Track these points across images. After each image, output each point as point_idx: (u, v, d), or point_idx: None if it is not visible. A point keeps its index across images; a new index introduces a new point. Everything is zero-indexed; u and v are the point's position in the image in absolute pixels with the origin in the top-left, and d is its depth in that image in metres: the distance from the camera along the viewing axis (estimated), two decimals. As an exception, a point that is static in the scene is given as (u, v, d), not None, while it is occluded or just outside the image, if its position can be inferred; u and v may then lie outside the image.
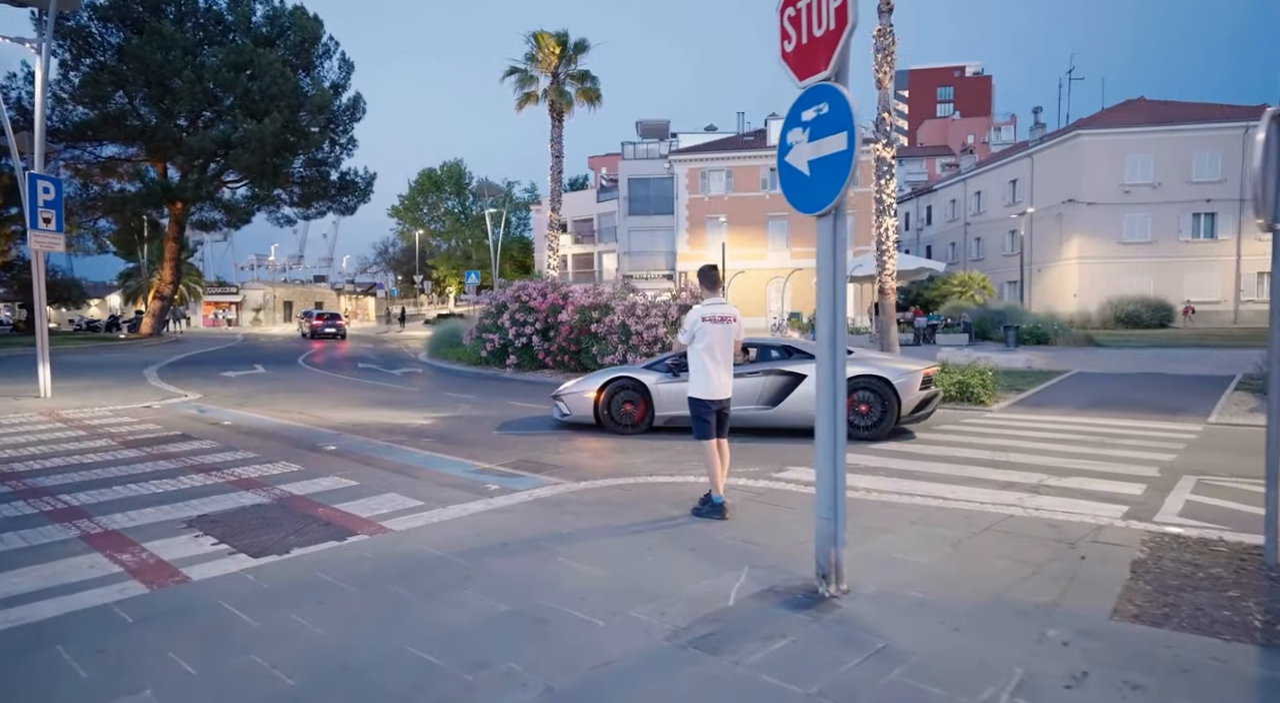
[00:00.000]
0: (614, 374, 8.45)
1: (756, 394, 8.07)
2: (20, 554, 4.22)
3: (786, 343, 8.74)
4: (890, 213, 16.10)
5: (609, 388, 8.33)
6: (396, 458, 6.96)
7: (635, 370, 8.49)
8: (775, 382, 8.05)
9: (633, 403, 8.31)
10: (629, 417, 8.31)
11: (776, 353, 8.49)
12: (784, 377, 8.06)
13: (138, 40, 28.24)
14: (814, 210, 3.31)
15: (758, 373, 8.09)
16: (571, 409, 8.54)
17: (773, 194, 42.28)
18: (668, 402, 8.20)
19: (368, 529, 4.61)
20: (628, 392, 8.31)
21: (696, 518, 4.70)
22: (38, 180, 11.51)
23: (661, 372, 8.37)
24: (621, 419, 8.30)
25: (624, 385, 8.32)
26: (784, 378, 8.06)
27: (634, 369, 8.54)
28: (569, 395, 8.60)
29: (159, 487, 5.84)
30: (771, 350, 8.54)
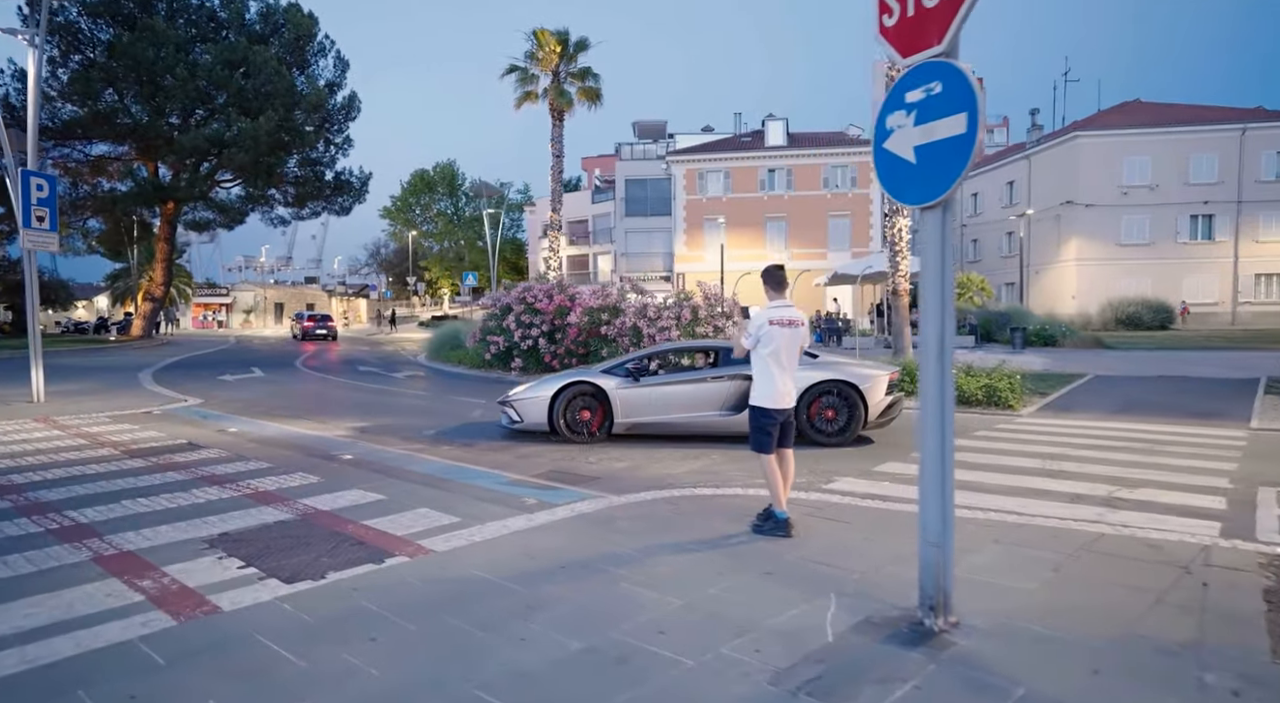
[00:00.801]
0: (570, 378, 7.99)
1: (719, 400, 7.78)
2: (29, 581, 3.85)
3: None
4: (903, 213, 15.82)
5: (565, 393, 7.84)
6: (420, 468, 6.61)
7: (592, 375, 8.03)
8: (739, 387, 7.71)
9: (590, 409, 7.87)
10: (586, 424, 7.86)
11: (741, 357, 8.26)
12: (748, 381, 7.71)
13: (129, 37, 27.67)
14: (921, 201, 3.00)
15: (721, 378, 7.83)
16: (523, 416, 7.99)
17: (771, 195, 42.12)
18: (629, 408, 7.82)
19: (406, 550, 4.27)
20: (585, 398, 7.86)
21: (758, 536, 4.39)
22: (31, 177, 11.08)
23: (621, 376, 7.96)
24: (578, 427, 7.85)
25: (582, 391, 7.86)
26: (748, 382, 7.71)
27: (591, 373, 8.09)
28: (520, 401, 8.02)
29: (172, 501, 5.47)
30: (731, 353, 8.20)
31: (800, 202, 41.80)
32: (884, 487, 5.75)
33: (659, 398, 7.84)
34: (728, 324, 14.16)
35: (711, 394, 7.78)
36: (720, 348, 8.50)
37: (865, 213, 41.61)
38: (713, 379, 7.82)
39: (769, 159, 41.99)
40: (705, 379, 7.84)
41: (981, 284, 37.67)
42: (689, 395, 7.81)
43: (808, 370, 7.69)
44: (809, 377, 7.59)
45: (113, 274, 59.90)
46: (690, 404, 7.79)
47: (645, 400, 7.81)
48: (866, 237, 41.53)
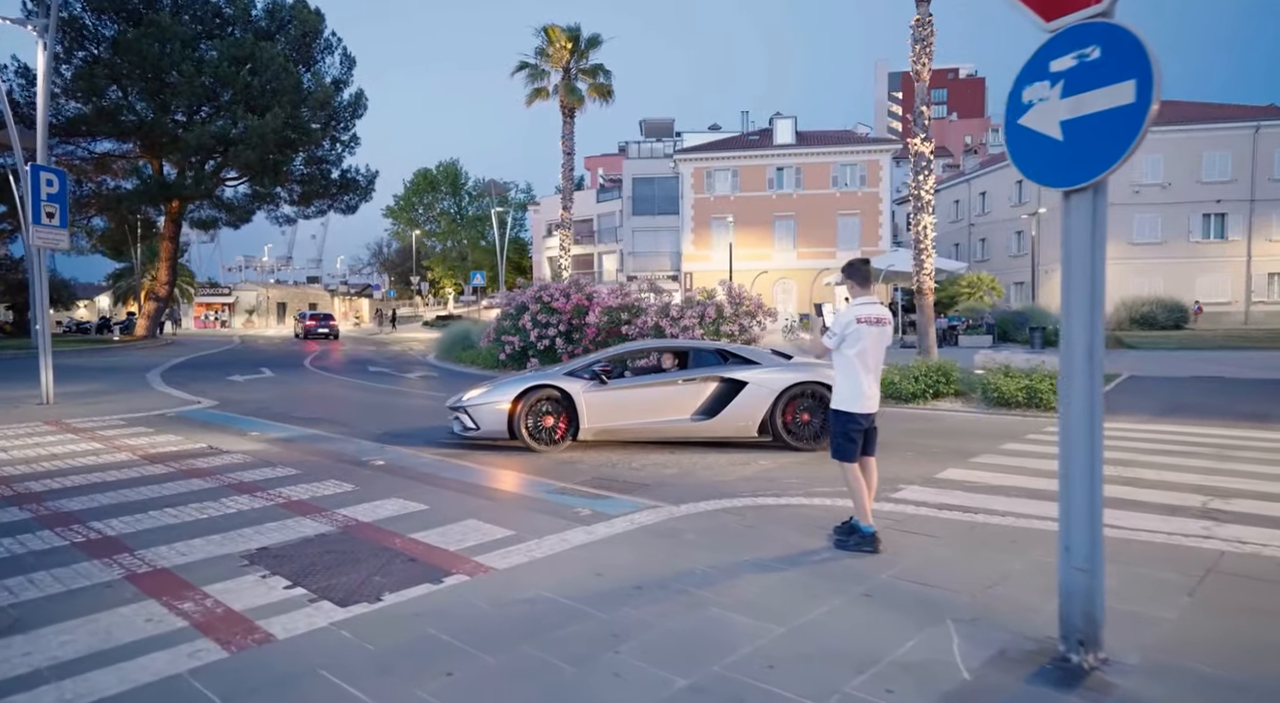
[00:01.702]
0: (532, 382, 7.36)
1: (691, 403, 7.39)
2: (59, 603, 3.53)
3: (722, 347, 8.03)
4: (929, 210, 15.51)
5: (527, 398, 7.24)
6: (457, 475, 6.29)
7: (556, 377, 7.43)
8: (712, 390, 7.38)
9: (554, 415, 7.33)
10: (550, 431, 7.31)
11: (712, 357, 7.82)
12: (722, 384, 7.38)
13: (133, 32, 27.34)
14: (1068, 184, 2.68)
15: (694, 380, 7.42)
16: (481, 423, 7.36)
17: (779, 194, 41.79)
18: (596, 413, 7.34)
19: (463, 567, 3.95)
20: (549, 402, 7.30)
21: (843, 551, 4.07)
22: (40, 172, 10.76)
23: (587, 379, 7.45)
24: (541, 434, 7.29)
25: (545, 395, 7.29)
26: (722, 385, 7.38)
27: (554, 376, 7.48)
28: (477, 407, 7.39)
29: (201, 511, 5.14)
30: (705, 354, 7.88)
31: (809, 200, 41.47)
32: (957, 496, 5.43)
33: (628, 402, 7.39)
34: (751, 323, 13.85)
35: (684, 397, 7.38)
36: (691, 348, 8.03)
37: (874, 211, 41.27)
38: (684, 381, 7.40)
39: (777, 157, 41.66)
40: (676, 381, 7.42)
41: (992, 283, 37.40)
42: (660, 399, 7.40)
43: (783, 372, 7.42)
44: (784, 378, 7.32)
45: (115, 274, 59.58)
46: (661, 408, 7.38)
47: (614, 405, 7.36)
48: (876, 235, 41.20)
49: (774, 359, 7.80)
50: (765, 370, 7.44)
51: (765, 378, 7.31)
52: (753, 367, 7.51)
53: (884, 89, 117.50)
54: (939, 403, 10.97)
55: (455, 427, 7.67)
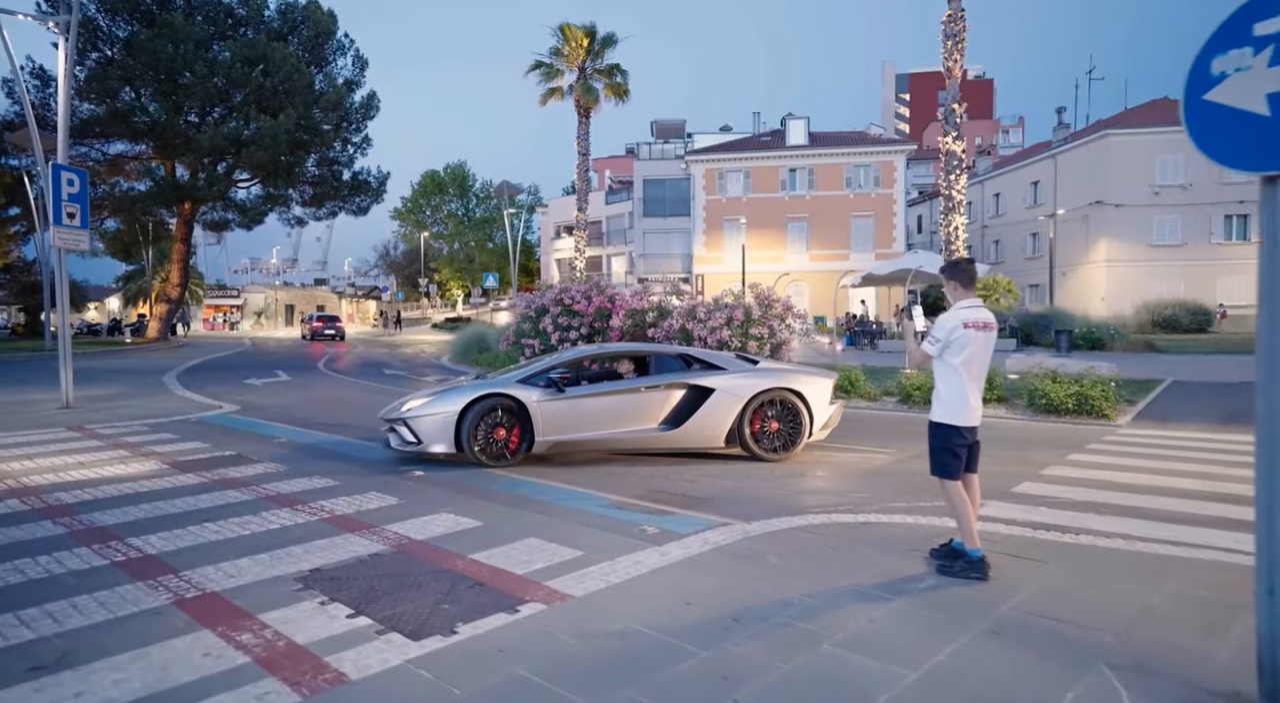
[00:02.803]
0: (481, 390, 6.69)
1: (656, 412, 6.95)
2: (108, 632, 3.24)
3: (685, 351, 7.59)
4: (960, 210, 15.22)
5: (476, 408, 6.59)
6: (506, 488, 5.99)
7: (508, 385, 6.80)
8: (677, 397, 6.96)
9: (506, 426, 6.69)
10: (501, 444, 6.67)
11: (675, 362, 7.37)
12: (688, 391, 6.98)
13: (147, 33, 27.19)
14: (1276, 167, 2.34)
15: (657, 386, 6.98)
16: (423, 436, 6.62)
17: (792, 195, 41.46)
18: (553, 424, 6.73)
19: (536, 594, 3.65)
20: (500, 413, 6.68)
21: (949, 578, 3.75)
22: (61, 171, 10.51)
23: (542, 387, 6.87)
24: (492, 448, 6.64)
25: (496, 405, 6.65)
26: (688, 392, 6.98)
27: (505, 383, 6.85)
28: (418, 419, 6.65)
29: (243, 526, 4.86)
30: (668, 359, 7.40)
31: (822, 202, 41.15)
32: (1045, 514, 5.11)
33: (588, 411, 6.83)
34: (781, 326, 13.53)
35: (647, 406, 6.92)
36: (653, 353, 7.55)
37: (889, 213, 40.92)
38: (647, 389, 6.96)
39: (790, 158, 41.36)
40: (639, 389, 6.96)
41: (1009, 286, 36.93)
42: (622, 408, 6.89)
43: (750, 378, 7.09)
44: (752, 385, 6.99)
45: (125, 276, 59.62)
46: (623, 418, 6.88)
47: (572, 415, 6.78)
48: (890, 237, 40.85)
49: (740, 364, 7.44)
50: (732, 376, 7.06)
51: (732, 385, 6.96)
52: (719, 373, 7.11)
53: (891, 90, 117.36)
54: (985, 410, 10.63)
55: (393, 440, 6.87)
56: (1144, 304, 32.38)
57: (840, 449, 7.74)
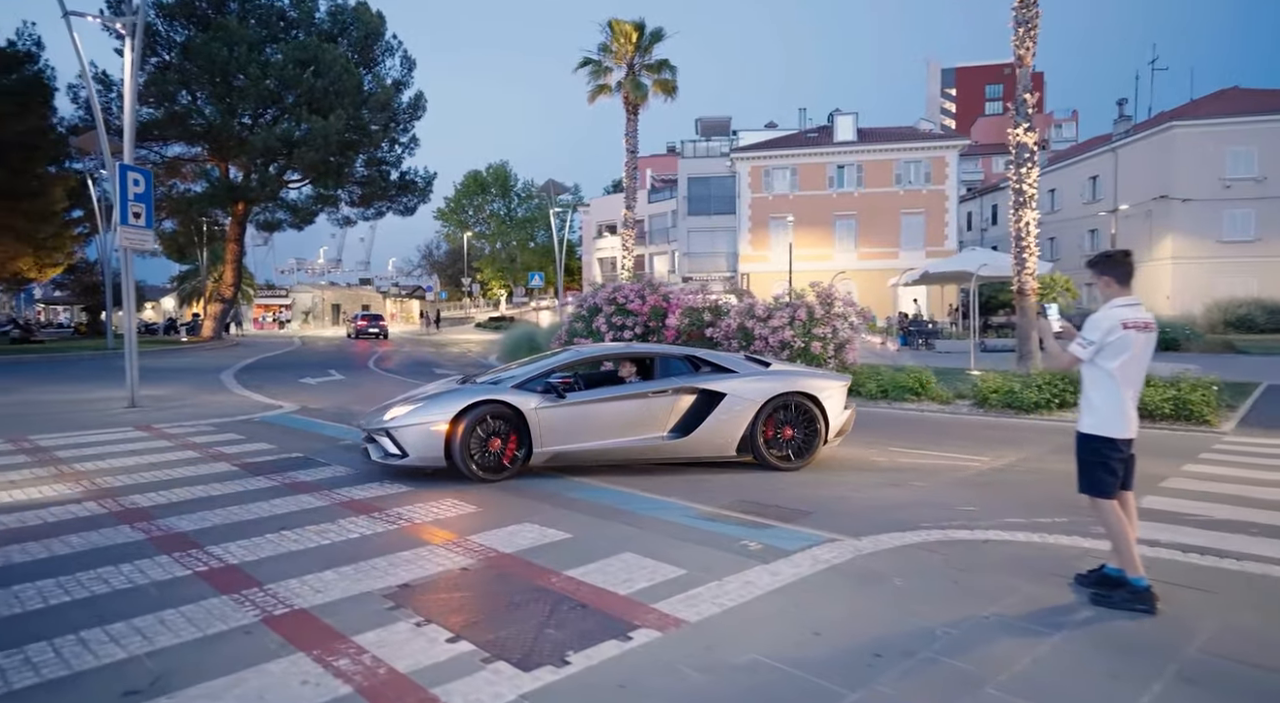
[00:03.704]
0: (476, 397, 6.08)
1: (663, 419, 6.43)
2: (199, 653, 3.03)
3: (692, 352, 7.02)
4: (1032, 205, 14.52)
5: (469, 416, 5.95)
6: (584, 495, 5.72)
7: (504, 391, 6.19)
8: (686, 403, 6.47)
9: (502, 437, 6.07)
10: (496, 457, 6.06)
11: (681, 365, 6.80)
12: (697, 396, 6.47)
13: (202, 37, 27.73)
14: None
15: (664, 391, 6.45)
16: (409, 448, 5.95)
17: (840, 192, 40.65)
18: (552, 433, 6.16)
19: (647, 618, 3.35)
20: (496, 421, 6.06)
21: (1108, 609, 3.34)
22: (127, 172, 10.58)
23: (540, 393, 6.26)
24: (487, 461, 6.03)
25: (491, 413, 6.03)
26: (697, 397, 6.47)
27: (500, 389, 6.23)
28: (404, 429, 5.98)
29: (321, 535, 4.66)
30: (675, 362, 6.83)
31: (871, 199, 40.27)
32: (1186, 533, 4.64)
33: (591, 419, 6.29)
34: (844, 325, 13.05)
35: (654, 412, 6.41)
36: (658, 355, 6.97)
37: (940, 210, 39.87)
38: (654, 394, 6.44)
39: (838, 155, 40.55)
40: (645, 394, 6.43)
41: (1066, 284, 35.65)
42: (628, 415, 6.37)
43: (762, 381, 6.63)
44: (765, 389, 6.53)
45: (179, 276, 61.32)
46: (629, 426, 6.37)
47: (573, 423, 6.24)
48: (942, 235, 39.80)
49: (751, 366, 6.97)
50: (744, 380, 6.60)
51: (744, 388, 6.51)
52: (730, 376, 6.64)
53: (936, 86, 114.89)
54: (1066, 414, 10.06)
55: (374, 453, 6.20)
56: (1214, 303, 30.89)
57: (927, 456, 7.31)
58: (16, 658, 2.99)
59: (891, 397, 11.87)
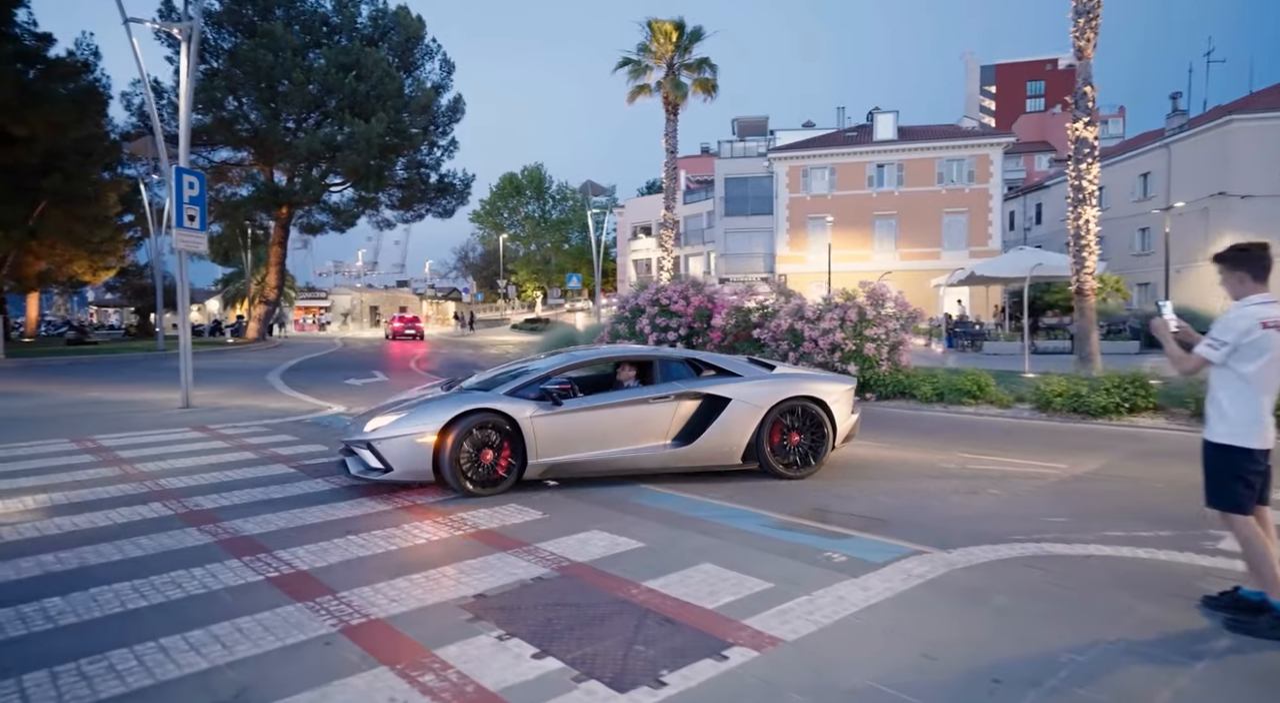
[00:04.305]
0: (466, 405, 5.58)
1: (664, 427, 6.05)
2: (280, 664, 2.93)
3: (693, 355, 6.64)
4: (1091, 202, 14.01)
5: (459, 426, 5.49)
6: (650, 502, 5.55)
7: (496, 399, 5.71)
8: (689, 409, 6.10)
9: (495, 448, 5.62)
10: (488, 469, 5.61)
11: (682, 368, 6.42)
12: (700, 401, 6.12)
13: (248, 44, 28.27)
14: None
15: (666, 397, 6.05)
16: (394, 462, 5.48)
17: (880, 192, 40.00)
18: (549, 443, 5.72)
19: (739, 635, 3.17)
20: (489, 431, 5.60)
21: (1247, 637, 3.07)
22: (183, 174, 10.72)
23: (534, 400, 5.81)
24: (479, 474, 5.58)
25: (483, 422, 5.57)
26: (700, 403, 6.11)
27: (493, 397, 5.77)
28: (389, 440, 5.51)
29: (388, 540, 4.57)
30: (675, 365, 6.44)
31: (911, 198, 39.56)
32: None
33: (590, 427, 5.87)
34: (897, 325, 12.70)
35: (656, 419, 6.02)
36: (657, 358, 6.53)
37: (984, 209, 39.02)
38: (656, 399, 6.04)
39: (878, 154, 39.92)
40: (647, 400, 6.03)
41: (1117, 284, 34.55)
42: (629, 422, 5.96)
43: (768, 385, 6.31)
44: (772, 393, 6.21)
45: (224, 278, 62.77)
46: (631, 434, 5.96)
47: (571, 431, 5.81)
48: (985, 235, 38.96)
49: (756, 369, 6.63)
50: (749, 383, 6.28)
51: (750, 393, 6.18)
52: (734, 380, 6.32)
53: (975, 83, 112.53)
54: (1137, 419, 9.64)
55: (352, 467, 5.77)
56: (1277, 303, 29.61)
57: (997, 462, 7.00)
58: (101, 664, 2.92)
59: (947, 400, 11.51)
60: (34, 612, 3.43)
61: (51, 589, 3.72)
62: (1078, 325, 14.50)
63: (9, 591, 3.72)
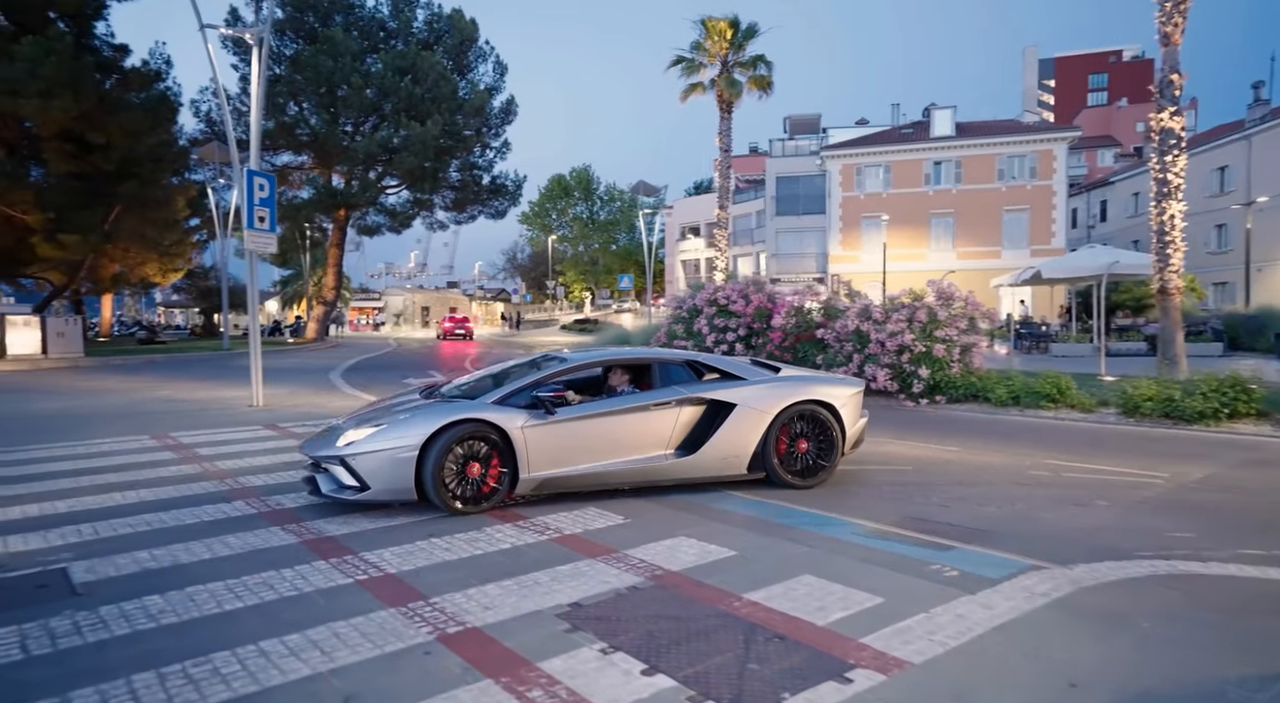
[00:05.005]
0: (453, 415, 5.07)
1: (666, 434, 5.61)
2: (382, 673, 2.83)
3: (694, 358, 6.18)
4: (1177, 196, 13.34)
5: (444, 438, 4.98)
6: (735, 507, 5.36)
7: (483, 408, 5.21)
8: (692, 415, 5.69)
9: (482, 461, 5.11)
10: (475, 485, 5.10)
11: (682, 372, 5.99)
12: (704, 407, 5.71)
13: (310, 50, 28.96)
14: None
15: (667, 403, 5.61)
16: (371, 479, 4.94)
17: (937, 190, 38.98)
18: (542, 455, 5.24)
19: (860, 656, 2.95)
20: (476, 443, 5.10)
21: None
22: (254, 176, 10.93)
23: (526, 408, 5.32)
24: (466, 492, 5.08)
25: (471, 434, 5.07)
26: (705, 409, 5.71)
27: (479, 407, 5.24)
28: (364, 455, 4.95)
29: (471, 544, 4.47)
30: (674, 368, 5.98)
31: (970, 196, 38.46)
32: None
33: (585, 437, 5.40)
34: (968, 326, 12.24)
35: (657, 427, 5.59)
36: (657, 360, 6.06)
37: (1047, 206, 37.70)
38: (656, 406, 5.59)
39: (935, 151, 38.92)
40: (647, 406, 5.58)
41: (1192, 283, 32.93)
42: (626, 431, 5.51)
43: (774, 388, 5.89)
44: (779, 397, 5.80)
45: (282, 280, 64.57)
46: (630, 443, 5.52)
47: (565, 442, 5.33)
48: (1048, 233, 37.63)
49: (761, 372, 6.22)
50: (754, 387, 5.88)
51: (756, 397, 5.78)
52: (738, 383, 5.91)
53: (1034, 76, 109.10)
54: (1237, 425, 9.05)
55: (323, 485, 5.17)
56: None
57: (1091, 470, 6.61)
58: (205, 667, 2.87)
59: (1024, 403, 11.03)
60: (136, 610, 3.42)
61: (149, 587, 3.72)
62: (1162, 326, 13.78)
63: (111, 587, 3.73)
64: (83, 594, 3.65)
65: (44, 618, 3.34)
